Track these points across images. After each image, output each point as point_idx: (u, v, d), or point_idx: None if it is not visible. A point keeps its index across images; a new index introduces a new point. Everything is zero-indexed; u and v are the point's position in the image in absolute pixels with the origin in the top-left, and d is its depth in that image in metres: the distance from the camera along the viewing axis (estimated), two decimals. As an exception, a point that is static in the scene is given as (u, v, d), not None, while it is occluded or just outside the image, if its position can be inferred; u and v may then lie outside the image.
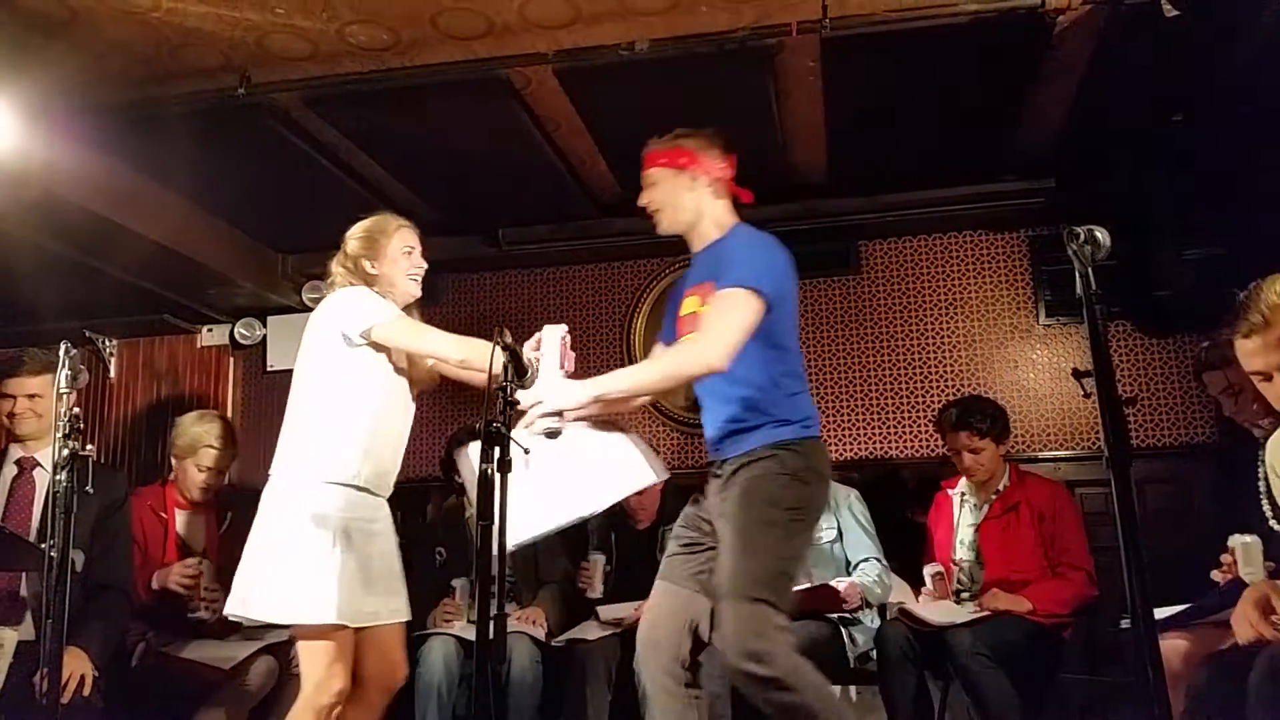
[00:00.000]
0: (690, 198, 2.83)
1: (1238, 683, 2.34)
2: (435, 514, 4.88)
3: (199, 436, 3.93)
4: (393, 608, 2.89)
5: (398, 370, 2.93)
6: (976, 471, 3.86)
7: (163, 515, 3.94)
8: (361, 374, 2.85)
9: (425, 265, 3.07)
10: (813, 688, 2.45)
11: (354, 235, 3.02)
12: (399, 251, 3.00)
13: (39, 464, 3.47)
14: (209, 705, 3.64)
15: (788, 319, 2.79)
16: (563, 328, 2.76)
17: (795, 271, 2.83)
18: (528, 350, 2.66)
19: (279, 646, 3.77)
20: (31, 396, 3.45)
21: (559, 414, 2.56)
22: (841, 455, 4.83)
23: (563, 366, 2.71)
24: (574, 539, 4.50)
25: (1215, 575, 2.85)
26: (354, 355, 2.84)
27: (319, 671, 2.71)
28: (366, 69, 3.46)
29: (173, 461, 4.00)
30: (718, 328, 2.59)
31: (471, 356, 2.75)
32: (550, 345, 2.71)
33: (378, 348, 2.86)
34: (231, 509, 4.11)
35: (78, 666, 3.12)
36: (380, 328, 2.81)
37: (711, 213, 2.85)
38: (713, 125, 3.88)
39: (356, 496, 2.81)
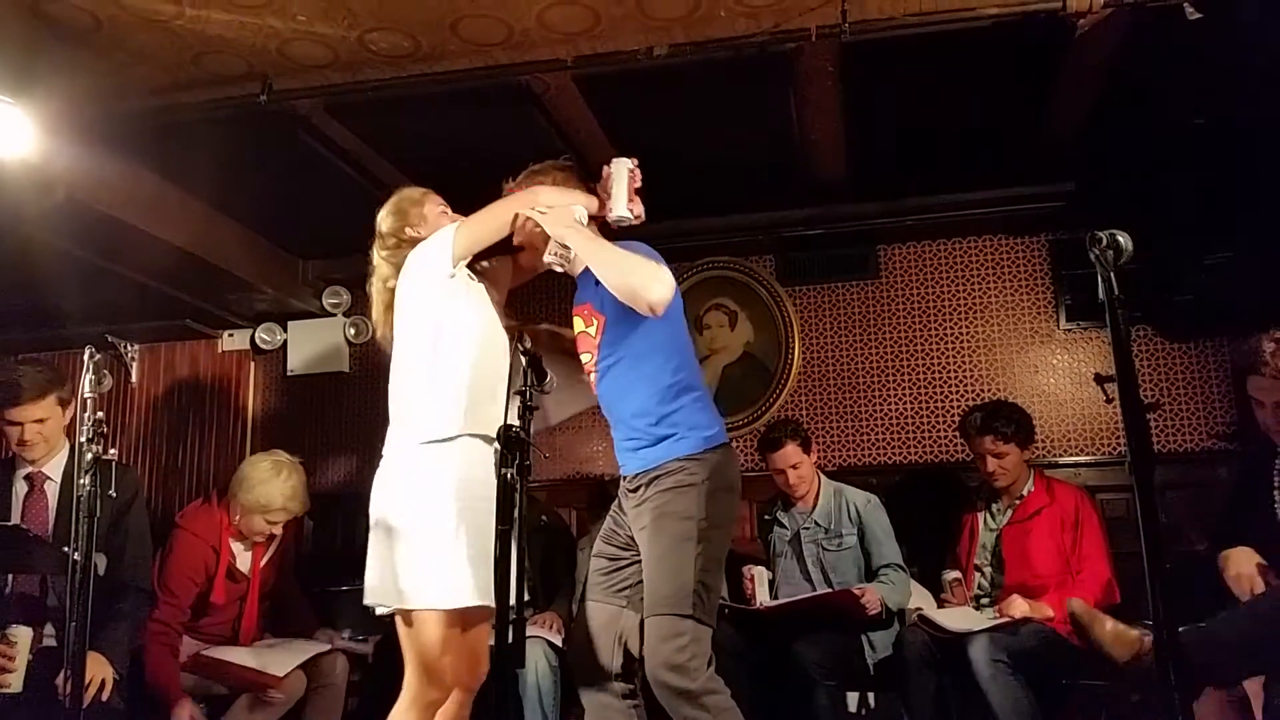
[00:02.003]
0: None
1: None
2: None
3: (272, 497, 3.78)
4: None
5: (495, 304, 2.81)
6: (1000, 476, 3.84)
7: (218, 550, 3.85)
8: (462, 313, 2.71)
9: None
10: (725, 711, 2.50)
11: (384, 216, 2.87)
12: (435, 213, 2.86)
13: (48, 478, 3.46)
14: (234, 713, 3.67)
15: (677, 323, 2.77)
16: (631, 161, 2.78)
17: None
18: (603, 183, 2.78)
19: (312, 661, 3.81)
20: (38, 421, 3.38)
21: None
22: (861, 460, 4.82)
23: (631, 201, 2.74)
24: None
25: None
26: (452, 293, 2.70)
27: (431, 662, 2.54)
28: (387, 76, 3.48)
29: (236, 507, 3.85)
30: (667, 274, 2.58)
31: (529, 205, 2.71)
32: (619, 178, 2.75)
33: (469, 285, 2.74)
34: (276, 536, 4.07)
35: (99, 671, 3.13)
36: (458, 240, 2.67)
37: None
38: (732, 130, 3.92)
39: (473, 447, 2.62)
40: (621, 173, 2.75)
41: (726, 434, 2.75)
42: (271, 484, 3.80)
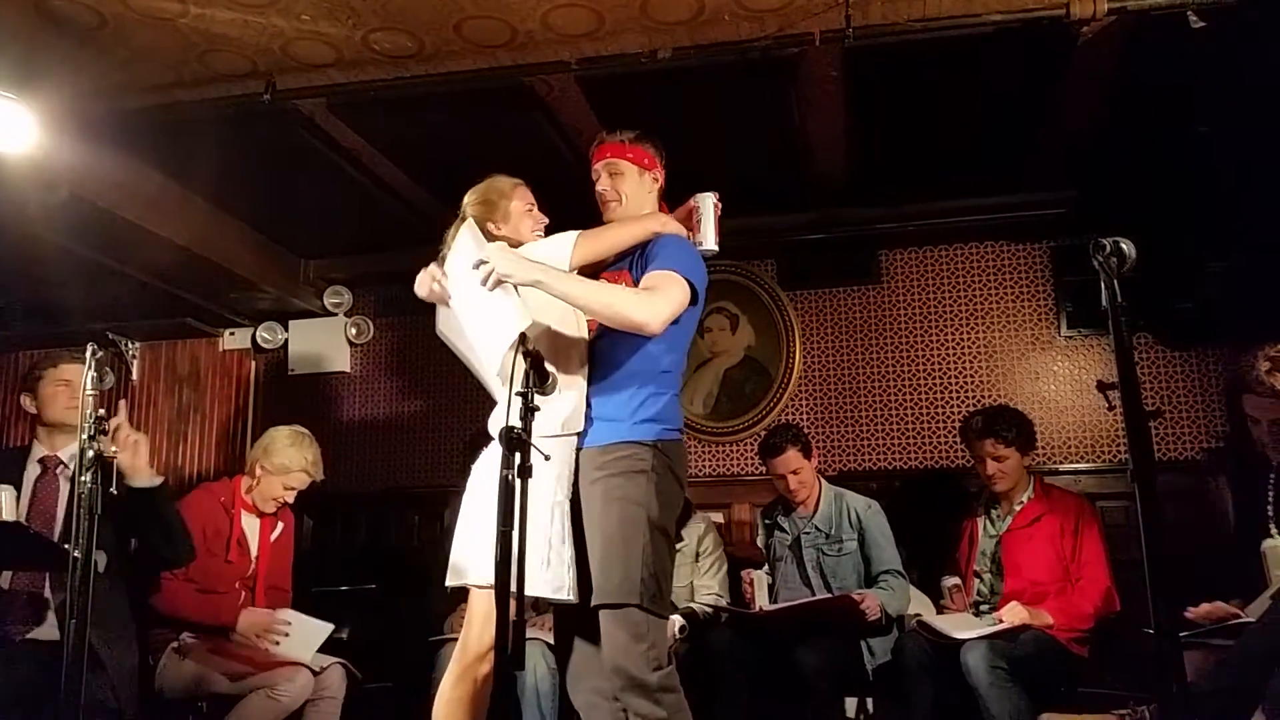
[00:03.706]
0: (648, 198, 2.90)
1: None
2: (452, 519, 4.90)
3: (294, 460, 4.01)
4: None
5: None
6: (999, 480, 3.83)
7: (230, 512, 4.00)
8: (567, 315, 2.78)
9: (546, 220, 2.94)
10: (680, 713, 2.49)
11: (471, 201, 2.89)
12: (520, 211, 2.89)
13: (62, 462, 3.44)
14: (238, 711, 3.65)
15: (689, 323, 2.80)
16: (714, 195, 2.85)
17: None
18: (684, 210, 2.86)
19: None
20: (67, 382, 3.45)
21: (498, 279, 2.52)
22: (862, 465, 4.82)
23: (717, 234, 2.82)
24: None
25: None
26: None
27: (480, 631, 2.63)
28: (390, 76, 3.49)
29: (256, 471, 4.02)
30: (665, 296, 2.59)
31: (651, 229, 2.78)
32: (707, 213, 2.83)
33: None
34: (282, 519, 4.15)
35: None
36: (578, 248, 2.75)
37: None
38: (735, 134, 3.92)
39: (568, 446, 2.70)
40: (708, 207, 2.84)
41: (682, 436, 2.76)
42: (294, 449, 4.03)
